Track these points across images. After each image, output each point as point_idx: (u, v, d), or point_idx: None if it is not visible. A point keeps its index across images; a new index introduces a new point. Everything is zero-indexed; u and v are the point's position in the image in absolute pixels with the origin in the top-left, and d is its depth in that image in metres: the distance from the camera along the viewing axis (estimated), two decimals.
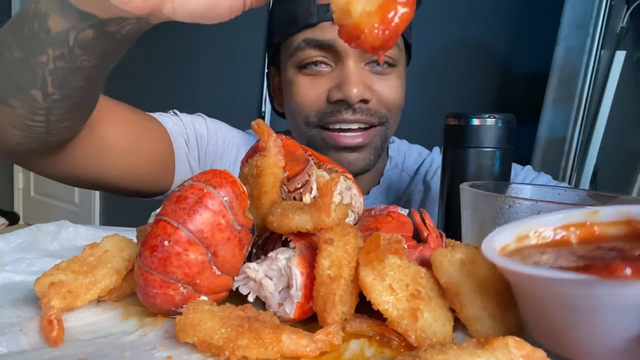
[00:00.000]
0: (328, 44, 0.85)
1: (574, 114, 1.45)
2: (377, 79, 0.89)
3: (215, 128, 1.00)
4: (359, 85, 0.84)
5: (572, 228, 0.40)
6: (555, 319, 0.34)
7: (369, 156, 0.92)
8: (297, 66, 0.90)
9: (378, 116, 0.89)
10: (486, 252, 0.36)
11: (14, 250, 0.61)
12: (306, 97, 0.89)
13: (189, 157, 0.94)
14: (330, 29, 0.85)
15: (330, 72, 0.88)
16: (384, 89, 0.89)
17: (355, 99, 0.84)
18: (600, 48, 1.42)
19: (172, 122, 0.93)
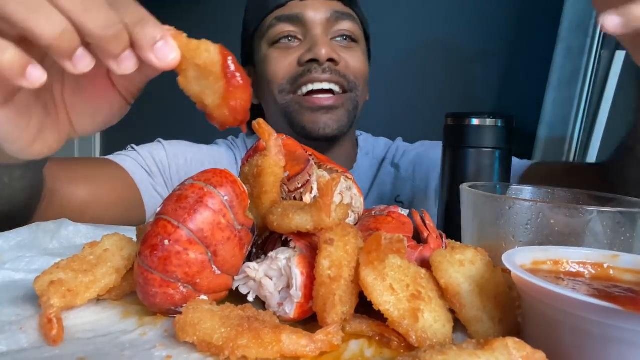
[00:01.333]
0: (297, 17, 0.96)
1: (574, 114, 1.45)
2: (343, 49, 0.98)
3: (174, 151, 1.05)
4: (327, 47, 0.93)
5: (588, 266, 0.42)
6: (563, 341, 0.34)
7: (343, 118, 0.98)
8: (270, 43, 0.99)
9: (347, 80, 0.97)
10: (508, 264, 0.37)
11: (13, 249, 0.61)
12: (279, 65, 0.98)
13: (155, 186, 1.00)
14: (297, 6, 0.96)
15: (300, 44, 0.98)
16: (350, 58, 0.98)
17: (324, 57, 0.92)
18: (600, 48, 1.42)
19: (130, 160, 0.98)
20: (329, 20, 0.97)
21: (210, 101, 0.42)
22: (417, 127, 1.91)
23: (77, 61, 0.38)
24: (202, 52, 0.42)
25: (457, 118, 0.73)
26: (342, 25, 0.99)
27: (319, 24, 0.96)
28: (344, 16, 0.99)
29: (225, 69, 0.41)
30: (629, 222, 0.48)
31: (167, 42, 0.40)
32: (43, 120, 0.46)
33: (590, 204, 0.59)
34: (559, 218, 0.50)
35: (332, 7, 0.98)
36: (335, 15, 0.98)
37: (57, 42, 0.36)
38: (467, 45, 1.83)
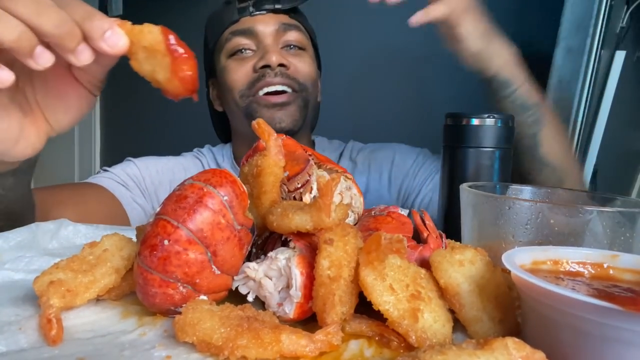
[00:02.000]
0: (249, 30, 1.09)
1: (574, 113, 1.45)
2: (292, 56, 1.11)
3: (145, 164, 1.15)
4: (277, 54, 1.06)
5: (588, 265, 0.42)
6: (562, 341, 0.34)
7: (295, 113, 1.09)
8: (227, 55, 1.12)
9: (297, 82, 1.09)
10: (508, 264, 0.37)
11: (13, 249, 0.61)
12: (237, 74, 1.10)
13: (134, 198, 1.08)
14: (249, 21, 1.09)
15: (253, 55, 1.10)
16: (299, 63, 1.11)
17: (275, 62, 1.05)
18: (600, 48, 1.41)
19: (106, 179, 1.07)
20: (277, 31, 1.10)
21: (161, 77, 0.47)
22: (416, 127, 1.91)
23: (38, 57, 0.43)
24: (146, 34, 0.46)
25: (457, 118, 0.73)
26: (290, 36, 1.11)
27: (269, 35, 1.09)
28: (290, 27, 1.11)
29: (169, 45, 0.46)
30: (628, 222, 0.48)
31: (114, 31, 0.45)
32: (22, 121, 0.51)
33: (590, 204, 0.59)
34: (559, 218, 0.50)
35: (279, 20, 1.10)
36: (282, 26, 1.10)
37: (17, 44, 0.41)
38: None
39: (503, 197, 0.59)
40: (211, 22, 1.19)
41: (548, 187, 0.63)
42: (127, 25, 0.46)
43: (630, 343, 0.31)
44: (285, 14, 1.12)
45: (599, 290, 0.37)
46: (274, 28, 1.09)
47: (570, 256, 0.42)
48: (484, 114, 0.72)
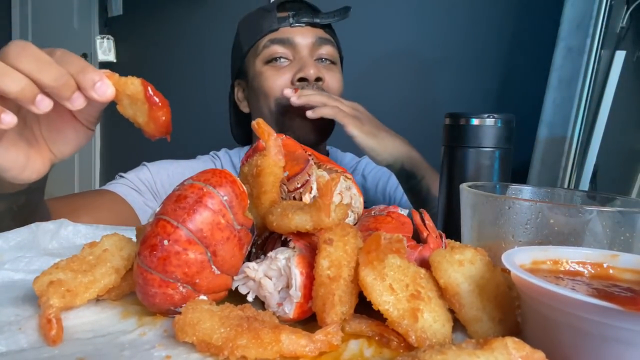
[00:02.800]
0: (287, 40, 1.14)
1: (574, 114, 1.45)
2: (325, 70, 1.16)
3: (157, 169, 1.19)
4: (314, 67, 1.11)
5: (588, 265, 0.42)
6: (562, 341, 0.34)
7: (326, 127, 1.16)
8: (264, 61, 1.16)
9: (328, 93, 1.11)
10: (507, 264, 0.37)
11: (13, 249, 0.60)
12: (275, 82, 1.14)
13: (146, 202, 1.11)
14: (287, 31, 1.14)
15: (290, 64, 1.15)
16: (331, 78, 1.17)
17: (313, 76, 1.11)
18: (600, 48, 1.41)
19: (120, 185, 1.10)
20: (314, 45, 1.15)
21: (141, 120, 0.55)
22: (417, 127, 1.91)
23: (38, 104, 0.51)
24: (130, 85, 0.54)
25: (457, 118, 0.73)
26: (324, 50, 1.17)
27: (306, 47, 1.14)
28: (325, 41, 1.17)
29: (147, 95, 0.54)
30: (628, 222, 0.48)
31: (103, 82, 0.53)
32: (28, 152, 0.59)
33: (589, 203, 0.59)
34: (559, 218, 0.50)
35: (316, 34, 1.16)
36: (319, 40, 1.16)
37: (21, 95, 0.50)
38: (467, 45, 1.83)
39: (503, 197, 0.59)
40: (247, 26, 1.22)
41: (548, 187, 0.63)
42: (114, 76, 0.54)
43: (630, 343, 0.31)
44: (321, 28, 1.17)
45: (599, 290, 0.37)
46: (311, 41, 1.14)
47: (570, 256, 0.42)
48: (484, 114, 0.72)
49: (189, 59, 2.85)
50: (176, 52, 2.93)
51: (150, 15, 3.07)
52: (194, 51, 2.82)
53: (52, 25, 3.72)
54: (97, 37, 3.24)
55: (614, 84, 1.43)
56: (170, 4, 2.93)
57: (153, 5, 3.03)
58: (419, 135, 1.89)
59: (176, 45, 2.93)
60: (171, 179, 1.17)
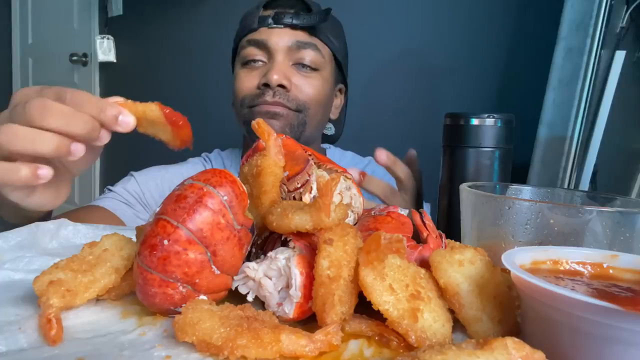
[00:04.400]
0: (262, 42, 1.08)
1: (574, 114, 1.44)
2: (300, 76, 1.09)
3: (144, 179, 1.17)
4: (280, 74, 1.05)
5: (588, 265, 0.42)
6: (562, 341, 0.34)
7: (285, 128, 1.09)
8: (241, 63, 1.12)
9: (295, 103, 1.08)
10: (507, 264, 0.37)
11: (13, 249, 0.60)
12: (243, 85, 1.11)
13: (136, 214, 1.10)
14: (265, 32, 1.08)
15: (262, 67, 1.10)
16: (304, 84, 1.09)
17: (274, 82, 1.04)
18: (600, 48, 1.41)
19: (109, 199, 1.09)
20: (290, 49, 1.08)
21: (164, 137, 0.60)
22: (417, 127, 1.91)
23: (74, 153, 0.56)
24: (149, 113, 0.56)
25: (457, 118, 0.73)
26: (303, 54, 1.08)
27: (281, 50, 1.07)
28: (306, 46, 1.08)
29: (169, 119, 0.57)
30: (628, 222, 0.48)
31: (124, 115, 0.56)
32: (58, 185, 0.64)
33: (590, 204, 0.59)
34: (559, 218, 0.50)
35: (295, 37, 1.08)
36: (297, 44, 1.08)
37: (58, 152, 0.54)
38: (467, 44, 1.83)
39: (503, 197, 0.59)
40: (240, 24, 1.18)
41: (548, 187, 0.63)
42: (129, 104, 0.57)
43: (629, 343, 0.31)
44: (304, 30, 1.09)
45: (599, 290, 0.37)
46: (287, 44, 1.07)
47: (570, 256, 0.42)
48: (484, 114, 0.72)
49: (189, 59, 2.85)
50: (176, 52, 2.93)
51: (150, 15, 3.06)
52: (194, 51, 2.82)
53: (52, 25, 3.72)
54: (97, 37, 3.24)
55: (614, 84, 1.43)
56: (170, 4, 2.93)
57: (153, 5, 3.03)
58: (419, 135, 1.89)
59: (176, 45, 2.93)
60: (160, 189, 1.15)
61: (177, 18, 2.93)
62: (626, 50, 1.43)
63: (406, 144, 1.88)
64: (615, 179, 1.56)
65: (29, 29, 3.92)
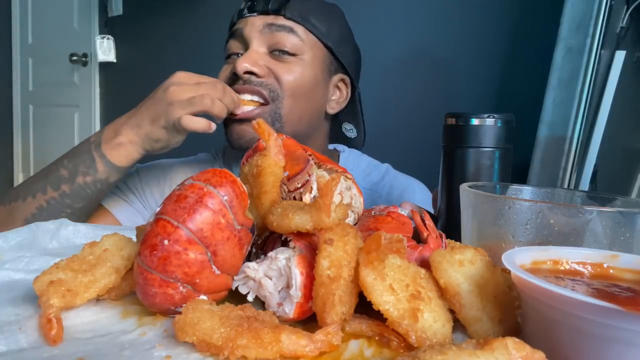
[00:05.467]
0: (238, 32, 1.03)
1: (574, 114, 1.45)
2: (278, 63, 1.01)
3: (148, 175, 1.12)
4: (248, 61, 0.97)
5: (588, 265, 0.42)
6: (562, 341, 0.34)
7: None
8: (225, 58, 1.08)
9: (269, 89, 0.99)
10: (507, 264, 0.37)
11: (13, 249, 0.61)
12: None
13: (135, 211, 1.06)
14: (242, 22, 1.03)
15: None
16: (281, 70, 1.00)
17: (241, 70, 0.96)
18: (600, 48, 1.41)
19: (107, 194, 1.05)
20: (262, 33, 1.00)
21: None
22: (417, 127, 1.91)
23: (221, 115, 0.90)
24: None
25: (457, 118, 0.73)
26: (278, 38, 1.00)
27: (254, 37, 1.00)
28: (279, 29, 1.00)
29: None
30: (628, 222, 0.48)
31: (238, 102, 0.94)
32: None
33: (590, 204, 0.59)
34: (559, 218, 0.50)
35: (267, 21, 1.00)
36: (269, 28, 1.00)
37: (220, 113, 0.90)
38: (467, 44, 1.83)
39: (503, 197, 0.59)
40: None
41: (548, 187, 0.63)
42: None
43: (630, 343, 0.31)
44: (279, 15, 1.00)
45: (599, 290, 0.37)
46: (258, 30, 1.00)
47: (570, 256, 0.42)
48: (484, 114, 0.71)
49: (188, 59, 2.85)
50: (176, 52, 2.93)
51: (150, 15, 3.06)
52: (194, 51, 2.82)
53: (52, 25, 3.72)
54: (97, 37, 3.24)
55: (614, 84, 1.43)
56: (170, 4, 2.93)
57: (153, 5, 3.03)
58: (418, 135, 1.89)
59: (176, 45, 2.93)
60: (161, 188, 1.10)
61: (177, 18, 2.93)
62: (626, 50, 1.43)
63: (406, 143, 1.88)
64: (615, 179, 1.56)
65: (29, 29, 3.92)
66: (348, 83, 1.14)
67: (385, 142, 1.93)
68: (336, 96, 1.13)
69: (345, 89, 1.14)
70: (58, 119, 3.73)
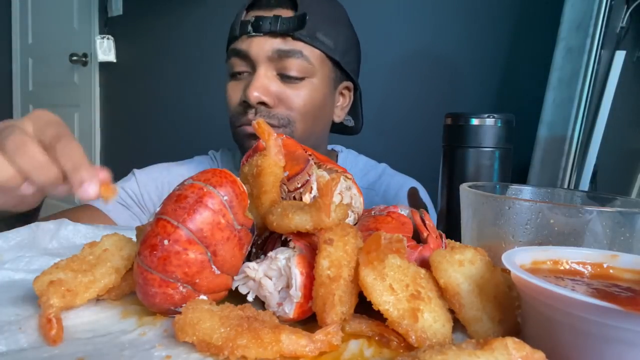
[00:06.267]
0: (244, 52, 0.99)
1: (574, 114, 1.45)
2: (286, 87, 1.00)
3: (145, 179, 1.12)
4: (260, 89, 0.96)
5: (588, 265, 0.42)
6: (562, 341, 0.34)
7: None
8: (229, 74, 1.05)
9: (278, 118, 0.99)
10: (507, 264, 0.37)
11: (13, 249, 0.60)
12: (230, 99, 1.04)
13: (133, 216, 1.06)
14: (246, 42, 0.99)
15: (248, 76, 1.02)
16: (289, 96, 1.00)
17: (254, 100, 0.96)
18: (600, 48, 1.41)
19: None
20: (270, 59, 0.99)
21: None
22: (417, 127, 1.91)
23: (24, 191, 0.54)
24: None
25: (457, 118, 0.73)
26: (286, 64, 0.98)
27: (262, 62, 0.98)
28: (289, 54, 0.98)
29: None
30: (628, 222, 0.48)
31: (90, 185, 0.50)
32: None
33: (590, 204, 0.59)
34: (559, 218, 0.50)
35: (275, 46, 0.98)
36: (278, 53, 0.98)
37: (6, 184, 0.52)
38: (467, 44, 1.83)
39: (503, 197, 0.59)
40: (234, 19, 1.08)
41: (548, 187, 0.63)
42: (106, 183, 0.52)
43: (630, 343, 0.31)
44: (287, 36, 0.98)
45: (599, 290, 0.37)
46: (267, 55, 0.98)
47: (570, 256, 0.42)
48: (484, 114, 0.72)
49: (189, 59, 2.85)
50: (176, 52, 2.93)
51: (150, 15, 3.07)
52: (194, 51, 2.82)
53: (52, 25, 3.72)
54: (97, 37, 3.24)
55: (614, 84, 1.43)
56: (170, 4, 2.93)
57: (153, 5, 3.03)
58: (418, 135, 1.89)
59: (176, 45, 2.93)
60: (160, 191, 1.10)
61: (177, 18, 2.93)
62: (626, 50, 1.43)
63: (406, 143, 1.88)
64: (615, 179, 1.56)
65: (29, 29, 3.92)
66: (351, 87, 1.14)
67: (385, 142, 1.93)
68: (340, 102, 1.13)
69: (349, 94, 1.15)
70: None
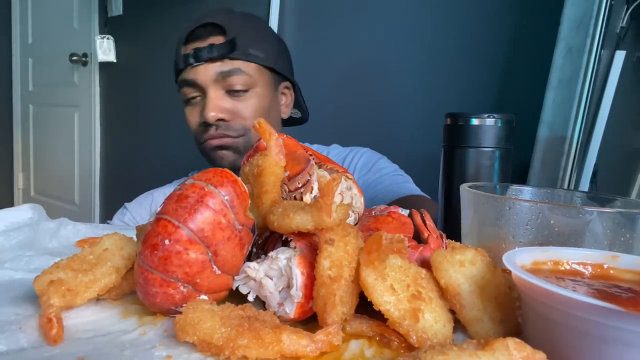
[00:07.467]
0: (192, 81, 1.13)
1: (574, 113, 1.45)
2: (235, 101, 1.14)
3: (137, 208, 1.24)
4: (215, 109, 1.11)
5: (588, 266, 0.42)
6: (563, 342, 0.34)
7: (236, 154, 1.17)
8: (183, 102, 1.19)
9: (235, 130, 1.14)
10: (508, 265, 0.37)
11: (13, 248, 0.61)
12: (190, 123, 1.19)
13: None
14: (192, 72, 1.13)
15: (201, 101, 1.15)
16: (241, 109, 1.15)
17: (212, 119, 1.11)
18: (600, 48, 1.41)
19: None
20: (216, 81, 1.12)
21: None
22: (417, 127, 1.91)
23: None
24: None
25: (457, 118, 0.73)
26: (230, 81, 1.12)
27: (210, 85, 1.12)
28: (231, 73, 1.12)
29: None
30: (628, 223, 0.48)
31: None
32: None
33: (590, 204, 0.59)
34: (559, 218, 0.50)
35: (217, 69, 1.12)
36: (221, 75, 1.12)
37: None
38: (467, 44, 1.83)
39: (503, 197, 0.59)
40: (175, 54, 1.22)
41: (548, 188, 0.63)
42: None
43: (630, 344, 0.31)
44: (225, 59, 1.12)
45: (600, 290, 0.37)
46: (212, 78, 1.12)
47: (570, 257, 0.42)
48: (484, 114, 0.71)
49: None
50: None
51: (150, 15, 3.06)
52: None
53: (52, 25, 3.71)
54: (97, 37, 3.24)
55: (614, 84, 1.43)
56: (170, 4, 2.93)
57: (153, 5, 3.03)
58: (419, 135, 1.89)
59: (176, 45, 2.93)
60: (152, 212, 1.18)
61: (177, 18, 2.93)
62: (626, 50, 1.43)
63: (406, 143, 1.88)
64: (615, 179, 1.56)
65: (29, 29, 3.92)
66: (290, 86, 1.28)
67: (385, 142, 1.93)
68: (284, 101, 1.27)
69: (289, 92, 1.28)
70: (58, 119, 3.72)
